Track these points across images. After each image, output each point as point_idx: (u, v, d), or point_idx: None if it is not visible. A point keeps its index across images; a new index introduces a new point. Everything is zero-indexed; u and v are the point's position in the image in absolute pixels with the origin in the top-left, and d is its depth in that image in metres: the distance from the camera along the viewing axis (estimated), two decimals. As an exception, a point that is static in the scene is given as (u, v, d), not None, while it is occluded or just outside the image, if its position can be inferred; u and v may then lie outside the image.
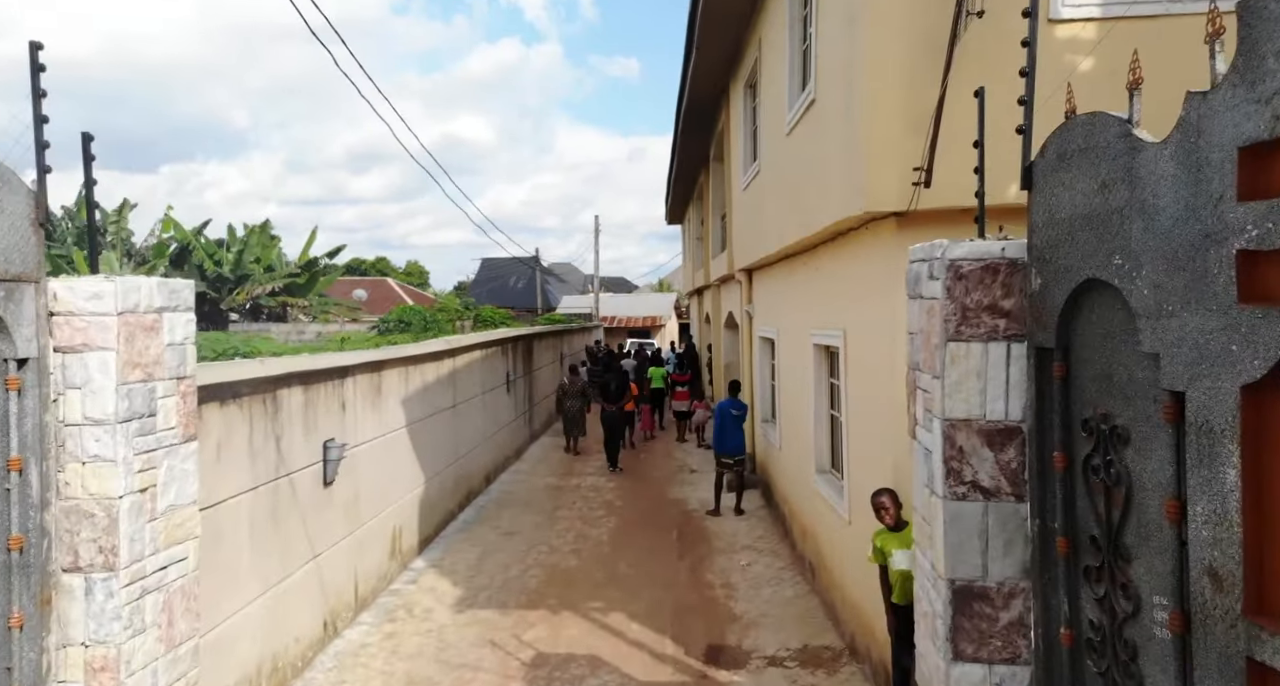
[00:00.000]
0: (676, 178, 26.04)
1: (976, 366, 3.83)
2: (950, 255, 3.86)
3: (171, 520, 4.72)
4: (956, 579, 3.84)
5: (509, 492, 14.97)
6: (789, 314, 10.89)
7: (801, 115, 8.33)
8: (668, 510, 13.58)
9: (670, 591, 9.66)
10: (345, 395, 8.64)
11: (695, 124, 19.25)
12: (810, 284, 9.30)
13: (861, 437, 7.22)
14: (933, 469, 3.97)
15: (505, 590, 9.77)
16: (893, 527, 6.00)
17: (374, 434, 9.46)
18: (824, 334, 8.65)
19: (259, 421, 6.81)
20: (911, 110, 5.86)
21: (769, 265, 12.42)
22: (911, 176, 5.84)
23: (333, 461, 8.13)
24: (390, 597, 9.53)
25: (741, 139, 13.76)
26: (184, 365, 4.83)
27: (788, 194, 9.40)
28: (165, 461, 4.66)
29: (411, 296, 54.76)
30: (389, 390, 10.01)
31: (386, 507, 9.84)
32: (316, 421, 7.92)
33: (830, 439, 9.12)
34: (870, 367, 6.88)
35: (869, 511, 7.03)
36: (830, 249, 8.25)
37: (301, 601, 7.57)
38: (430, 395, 11.65)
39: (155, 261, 30.87)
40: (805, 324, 9.59)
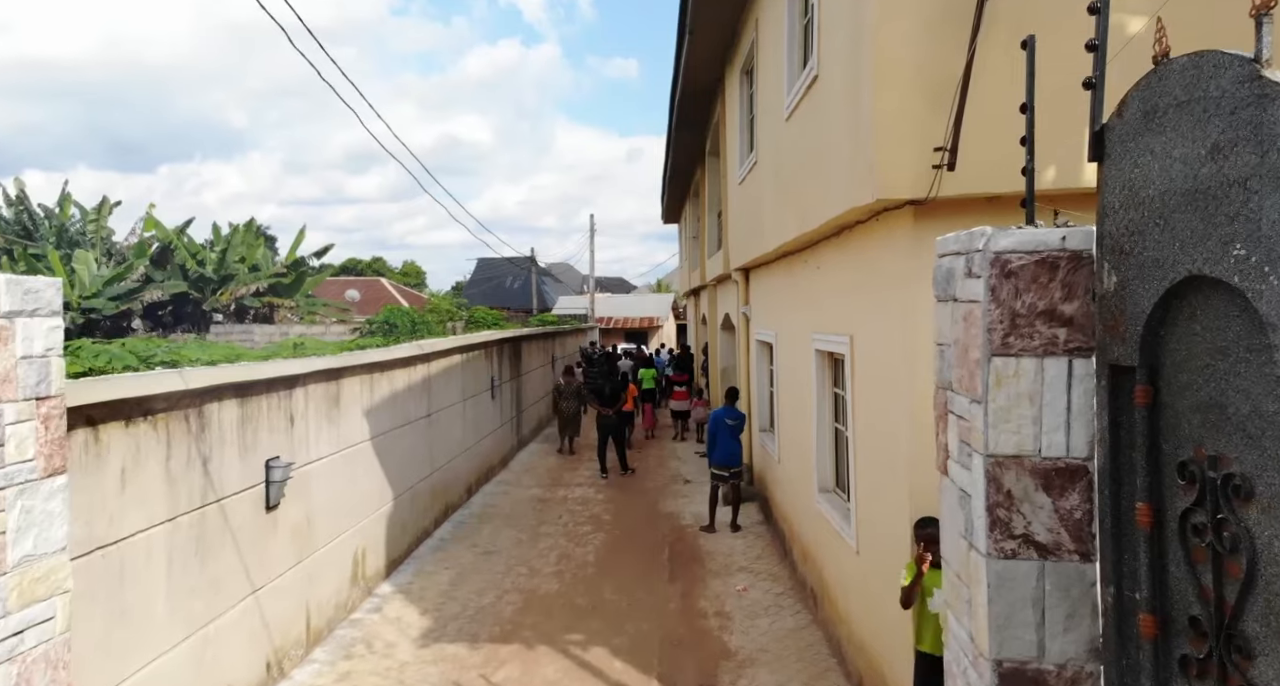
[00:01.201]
0: (672, 175, 25.19)
1: (1029, 388, 2.95)
2: (995, 246, 2.99)
3: (28, 574, 3.84)
4: (1004, 659, 2.97)
5: (491, 506, 14.08)
6: (788, 316, 10.02)
7: (802, 96, 7.46)
8: (659, 525, 12.70)
9: (659, 621, 8.78)
10: (294, 407, 7.76)
11: (690, 117, 18.40)
12: (812, 284, 8.43)
13: (871, 458, 6.35)
14: (972, 517, 3.10)
15: (477, 620, 8.89)
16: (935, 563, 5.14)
17: (330, 450, 8.58)
18: (827, 339, 7.78)
19: (180, 441, 5.93)
20: (931, 81, 4.99)
21: (767, 264, 11.55)
22: (931, 158, 4.97)
23: (276, 482, 7.25)
24: (349, 629, 8.65)
25: (738, 130, 12.88)
26: (46, 382, 3.95)
27: (787, 186, 8.53)
28: (18, 502, 3.79)
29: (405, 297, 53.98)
30: (350, 400, 9.13)
31: (346, 530, 8.95)
32: (256, 439, 7.03)
33: (834, 455, 8.24)
34: (882, 379, 6.00)
35: (881, 541, 6.17)
36: (834, 245, 7.38)
37: (237, 643, 6.69)
38: (401, 404, 10.78)
39: (135, 261, 29.99)
40: (806, 327, 8.72)
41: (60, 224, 31.38)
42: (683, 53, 14.25)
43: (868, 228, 6.28)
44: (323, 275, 39.26)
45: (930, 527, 5.11)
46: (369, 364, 9.62)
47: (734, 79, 13.36)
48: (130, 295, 28.76)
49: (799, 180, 7.84)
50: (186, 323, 31.59)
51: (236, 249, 33.21)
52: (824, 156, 6.71)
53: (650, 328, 50.15)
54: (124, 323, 29.06)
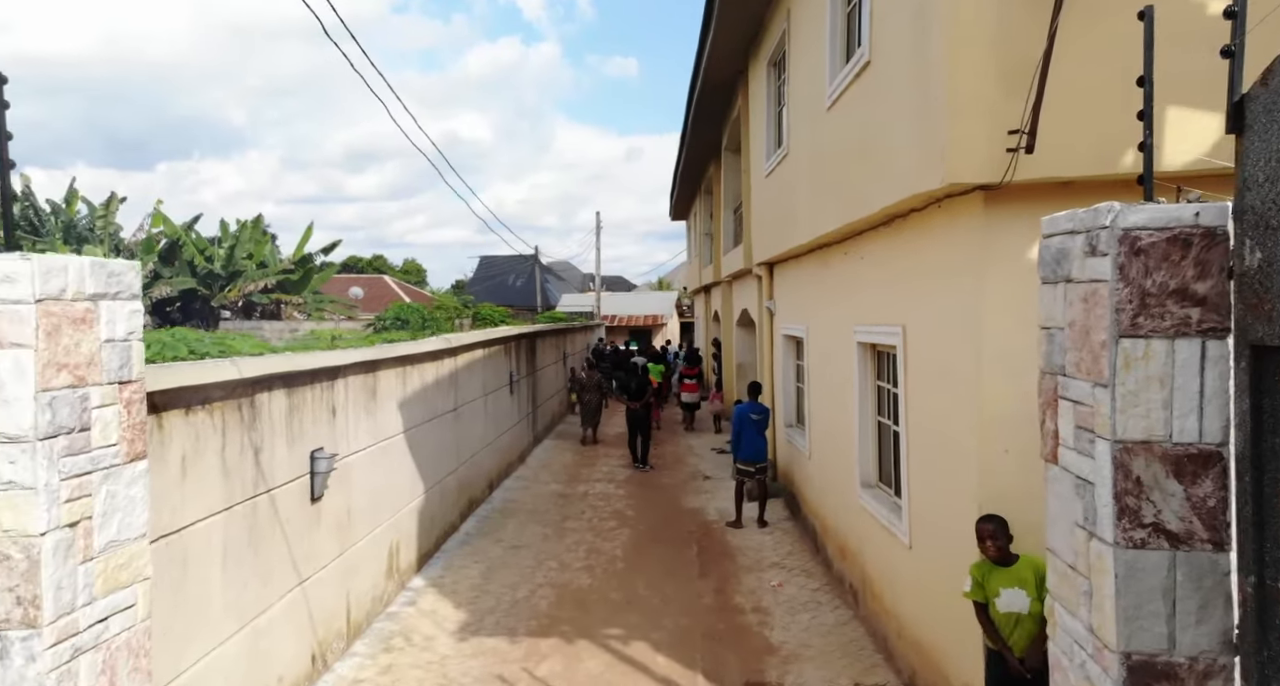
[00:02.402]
0: (684, 171, 25.10)
1: (1159, 371, 2.89)
2: (1124, 223, 2.93)
3: (113, 560, 3.78)
4: (1133, 652, 2.91)
5: (513, 501, 14.02)
6: (823, 310, 9.95)
7: (849, 84, 7.39)
8: (684, 521, 12.63)
9: (696, 616, 8.72)
10: (335, 399, 7.70)
11: (708, 112, 18.33)
12: (854, 276, 8.37)
13: (928, 452, 6.28)
14: (1096, 505, 3.03)
15: (513, 614, 8.83)
16: (998, 561, 5.07)
17: (368, 441, 8.51)
18: (872, 331, 7.71)
19: (234, 431, 5.86)
20: (1005, 61, 4.92)
21: (796, 257, 11.48)
22: (1005, 142, 4.91)
23: (321, 474, 7.18)
24: (387, 622, 8.59)
25: (764, 123, 12.81)
26: (128, 366, 3.88)
27: (827, 176, 8.46)
28: (103, 487, 3.72)
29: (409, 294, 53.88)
30: (385, 393, 9.07)
31: (382, 522, 8.89)
32: (302, 429, 6.97)
33: (877, 449, 8.18)
34: (941, 371, 5.94)
35: (936, 536, 6.11)
36: (883, 235, 7.31)
37: (285, 635, 6.63)
38: (430, 398, 10.71)
39: (144, 257, 29.87)
40: (846, 320, 8.66)
41: (68, 220, 31.25)
42: (706, 45, 14.19)
43: (925, 215, 6.22)
44: (330, 272, 39.15)
45: (988, 523, 5.05)
46: (402, 356, 9.55)
47: (759, 71, 13.29)
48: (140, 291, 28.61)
49: (843, 170, 7.77)
50: (195, 319, 31.46)
51: (244, 245, 33.08)
52: (877, 144, 6.64)
53: (654, 325, 50.13)
54: (132, 318, 28.86)
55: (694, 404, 22.12)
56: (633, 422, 17.29)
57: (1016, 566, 5.04)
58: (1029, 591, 4.98)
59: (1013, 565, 5.04)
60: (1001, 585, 5.01)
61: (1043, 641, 4.89)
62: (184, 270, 31.71)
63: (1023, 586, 4.99)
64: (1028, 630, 5.01)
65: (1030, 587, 4.98)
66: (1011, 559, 5.04)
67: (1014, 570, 5.03)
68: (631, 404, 17.35)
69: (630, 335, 46.66)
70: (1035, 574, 4.98)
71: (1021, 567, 5.03)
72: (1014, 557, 5.05)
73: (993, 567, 5.06)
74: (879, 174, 6.62)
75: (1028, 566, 5.02)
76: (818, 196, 8.90)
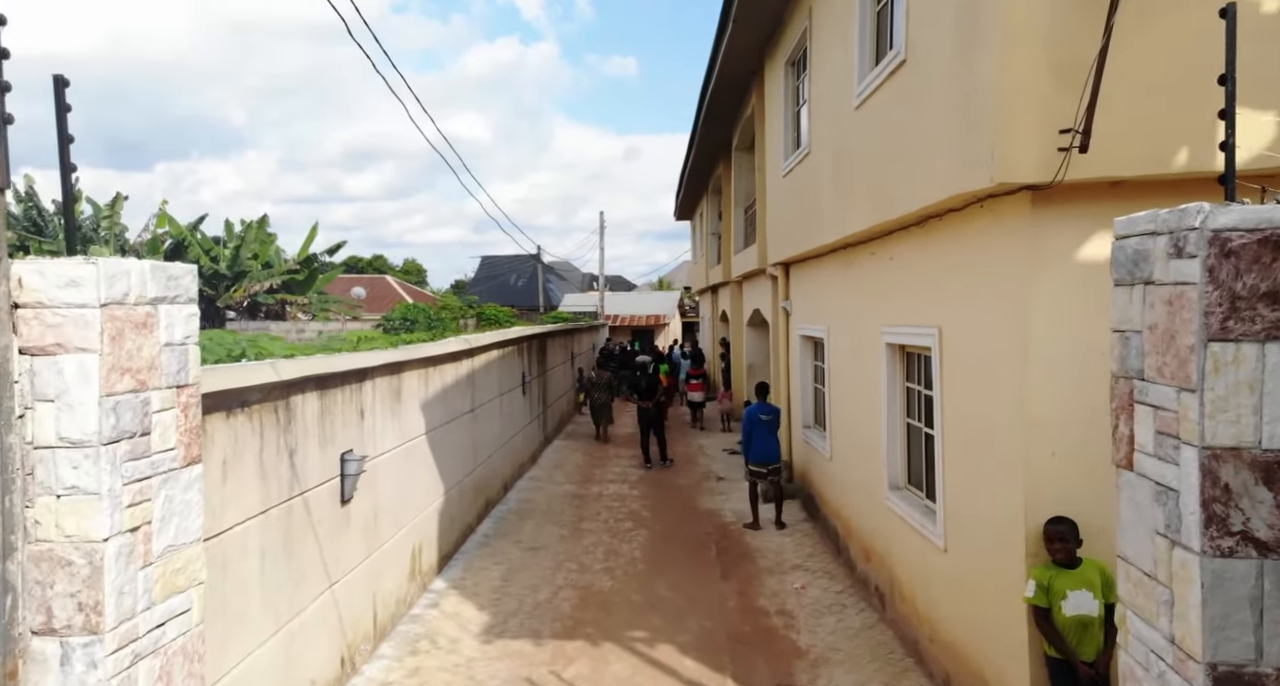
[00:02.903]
0: (692, 170, 25.07)
1: (1249, 376, 2.86)
2: (1214, 224, 2.89)
3: (170, 564, 3.74)
4: (1219, 662, 2.88)
5: (528, 501, 13.99)
6: (846, 310, 9.92)
7: (881, 83, 7.36)
8: (701, 523, 12.60)
9: (720, 619, 8.69)
10: (364, 401, 7.66)
11: (719, 110, 18.30)
12: (882, 277, 8.33)
13: (967, 455, 6.25)
14: (1180, 513, 3.00)
15: (536, 616, 8.80)
16: (1064, 564, 5.05)
17: (394, 443, 8.48)
18: (903, 332, 7.68)
19: (270, 433, 5.83)
20: (1058, 57, 4.88)
21: (816, 257, 11.45)
22: (1056, 141, 4.87)
23: (351, 476, 7.15)
24: (411, 625, 8.55)
25: (781, 122, 12.78)
26: (185, 370, 3.85)
27: (856, 177, 8.43)
28: (162, 491, 3.68)
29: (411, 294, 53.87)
30: (409, 394, 9.03)
31: (406, 524, 8.86)
32: (334, 431, 6.94)
33: (906, 451, 8.15)
34: (983, 373, 5.90)
35: (975, 539, 6.08)
36: (915, 236, 7.28)
37: (317, 637, 6.59)
38: (450, 398, 10.68)
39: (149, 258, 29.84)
40: (874, 321, 8.63)
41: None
42: (722, 43, 14.15)
43: (963, 216, 6.19)
44: (335, 272, 39.12)
45: (1060, 524, 5.02)
46: (425, 358, 9.52)
47: (775, 71, 13.27)
48: (144, 290, 28.56)
49: (874, 170, 7.74)
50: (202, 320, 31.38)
51: (249, 246, 33.04)
52: (912, 144, 6.61)
53: (657, 325, 50.06)
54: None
55: (700, 402, 22.55)
56: (645, 422, 17.31)
57: (1082, 569, 5.01)
58: (1096, 594, 4.96)
59: (1078, 568, 5.02)
60: (1069, 587, 4.98)
61: (1110, 647, 4.87)
62: (188, 270, 31.65)
63: (1090, 589, 4.97)
64: (1095, 636, 4.99)
65: (1097, 590, 4.96)
66: (1077, 562, 5.02)
67: (1080, 572, 5.00)
68: (643, 403, 17.41)
69: (633, 335, 46.68)
70: (1101, 577, 4.96)
71: (1087, 570, 5.01)
72: (1078, 560, 5.03)
73: (1059, 571, 5.03)
74: (914, 174, 6.58)
75: (1093, 569, 5.00)
76: (844, 196, 8.87)
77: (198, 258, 31.37)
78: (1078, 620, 5.01)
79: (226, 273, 32.01)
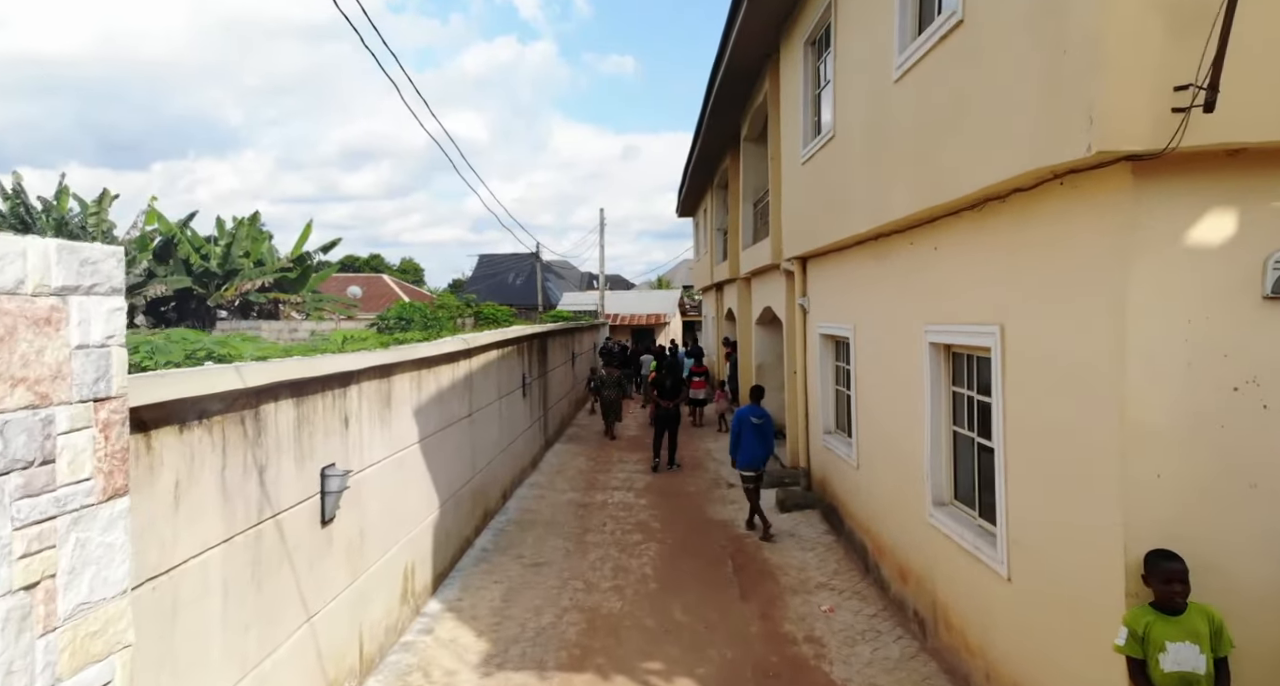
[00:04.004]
0: (697, 164, 24.25)
1: None
2: None
3: (84, 627, 2.93)
4: None
5: (529, 511, 13.17)
6: (877, 307, 9.12)
7: (930, 50, 6.55)
8: (713, 534, 11.79)
9: (743, 647, 7.88)
10: (349, 408, 6.85)
11: (728, 99, 17.50)
12: (924, 268, 7.53)
13: (1041, 473, 5.42)
14: None
15: (540, 643, 7.99)
16: (1168, 609, 4.23)
17: (383, 453, 7.67)
18: (951, 331, 6.88)
19: (236, 448, 5.02)
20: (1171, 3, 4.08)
21: (839, 250, 10.65)
22: (1170, 101, 4.07)
23: (333, 493, 6.34)
24: (403, 654, 7.74)
25: (800, 107, 11.96)
26: (106, 380, 3.04)
27: (895, 157, 7.63)
28: (72, 534, 2.87)
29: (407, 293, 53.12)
30: (400, 399, 8.22)
31: (397, 542, 8.05)
32: (313, 443, 6.12)
33: (953, 463, 7.34)
34: (1062, 377, 5.09)
35: (1050, 571, 5.28)
36: (968, 220, 6.47)
37: (293, 678, 5.78)
38: (446, 403, 9.87)
39: (138, 255, 28.95)
40: (912, 319, 7.82)
41: (59, 217, 30.30)
42: (734, 25, 13.34)
43: (1033, 196, 5.38)
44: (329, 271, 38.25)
45: (1176, 562, 4.21)
46: (419, 359, 8.71)
47: (793, 53, 12.45)
48: (134, 290, 27.69)
49: (920, 149, 6.94)
50: (191, 318, 30.53)
51: (241, 243, 32.12)
52: (972, 115, 5.80)
53: (657, 324, 49.39)
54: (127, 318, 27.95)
55: (702, 400, 22.50)
56: (662, 422, 16.87)
57: (1187, 616, 4.19)
58: (1204, 647, 4.14)
59: (1183, 615, 4.20)
60: (1169, 638, 4.16)
61: None
62: (179, 268, 30.80)
63: (1196, 640, 4.14)
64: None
65: (1205, 643, 4.14)
66: (1182, 607, 4.20)
67: (1185, 620, 4.18)
68: (665, 402, 16.97)
69: (633, 334, 46.04)
70: (1210, 625, 4.15)
71: (1193, 618, 4.19)
72: (1184, 606, 4.21)
73: (1159, 617, 4.22)
74: (974, 150, 5.78)
75: (1200, 616, 4.18)
76: (880, 181, 8.07)
77: (187, 255, 30.50)
78: (1179, 677, 4.19)
79: (217, 271, 31.14)
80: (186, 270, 30.54)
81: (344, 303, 37.65)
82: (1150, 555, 4.29)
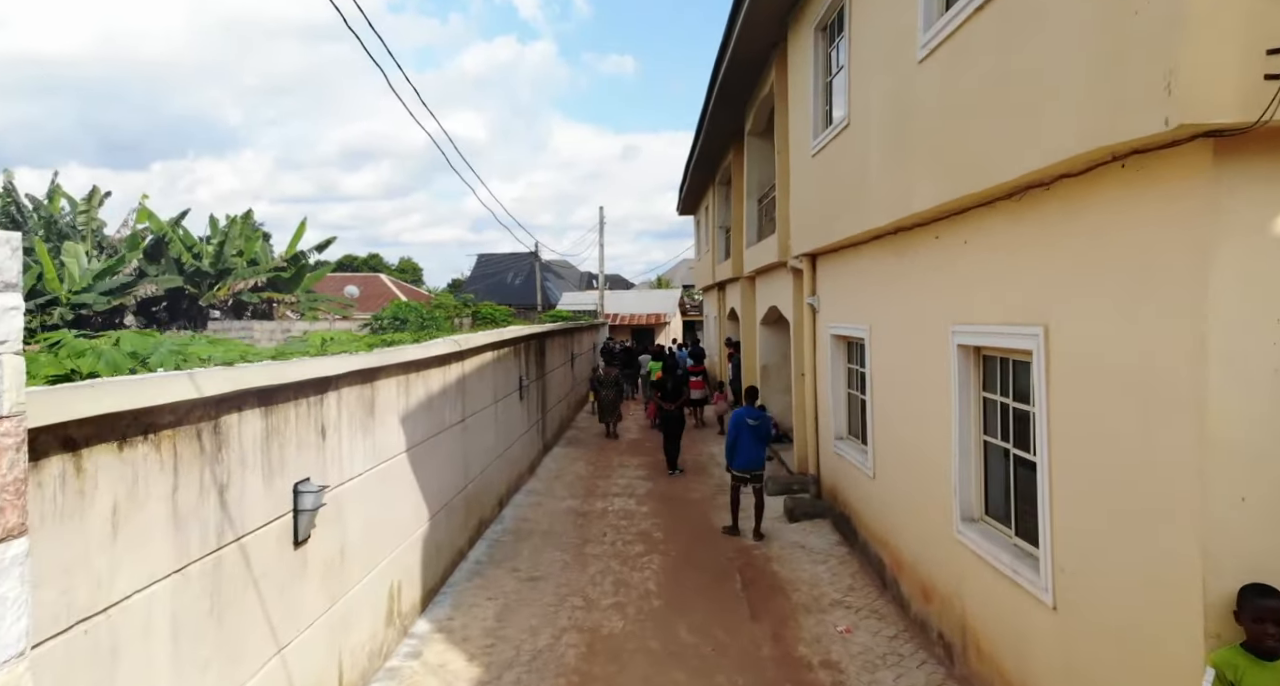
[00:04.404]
0: (698, 160, 23.68)
1: None
2: None
3: (-42, 706, 2.36)
4: None
5: (526, 520, 12.59)
6: (896, 306, 8.55)
7: (962, 23, 5.98)
8: (719, 546, 11.22)
9: (757, 673, 7.31)
10: (326, 417, 6.28)
11: (732, 92, 16.92)
12: (951, 264, 6.96)
13: (1095, 491, 4.84)
14: None
15: (536, 668, 7.42)
16: (1263, 653, 3.65)
17: (366, 465, 7.10)
18: (984, 332, 6.31)
19: (190, 466, 4.44)
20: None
21: (853, 246, 10.08)
22: (1263, 65, 3.50)
23: (307, 511, 5.76)
24: (387, 682, 7.17)
25: (809, 96, 11.39)
26: (-11, 394, 2.47)
27: (920, 144, 7.06)
28: (-59, 591, 2.30)
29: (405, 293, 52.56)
30: (385, 406, 7.64)
31: (382, 560, 7.48)
32: (283, 457, 5.55)
33: (983, 476, 6.77)
34: (1124, 383, 4.50)
35: (1101, 600, 4.71)
36: (1005, 211, 5.90)
37: (260, 719, 5.21)
38: (437, 408, 9.29)
39: (128, 254, 28.35)
40: (936, 319, 7.26)
41: (49, 216, 29.72)
42: (739, 14, 12.76)
43: (1084, 182, 4.81)
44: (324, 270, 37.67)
45: (1270, 600, 3.63)
46: (406, 362, 8.13)
47: (802, 40, 11.87)
48: (123, 290, 27.10)
49: (949, 133, 6.37)
50: (182, 319, 29.96)
51: (234, 242, 31.50)
52: (1014, 92, 5.23)
53: (658, 324, 48.89)
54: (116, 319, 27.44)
55: (700, 400, 22.14)
56: (668, 424, 16.38)
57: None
58: None
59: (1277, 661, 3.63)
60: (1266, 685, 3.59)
61: None
62: (171, 268, 30.22)
63: None
64: None
65: None
66: (1277, 652, 3.63)
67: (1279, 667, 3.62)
68: (668, 405, 16.52)
69: (632, 334, 45.56)
70: None
71: None
72: (1278, 651, 3.64)
73: (1251, 661, 3.64)
74: (1014, 132, 5.21)
75: None
76: (902, 170, 7.50)
77: (179, 254, 29.92)
78: None
79: (210, 270, 30.55)
80: (178, 269, 29.97)
81: (340, 302, 37.09)
82: (1245, 590, 3.71)
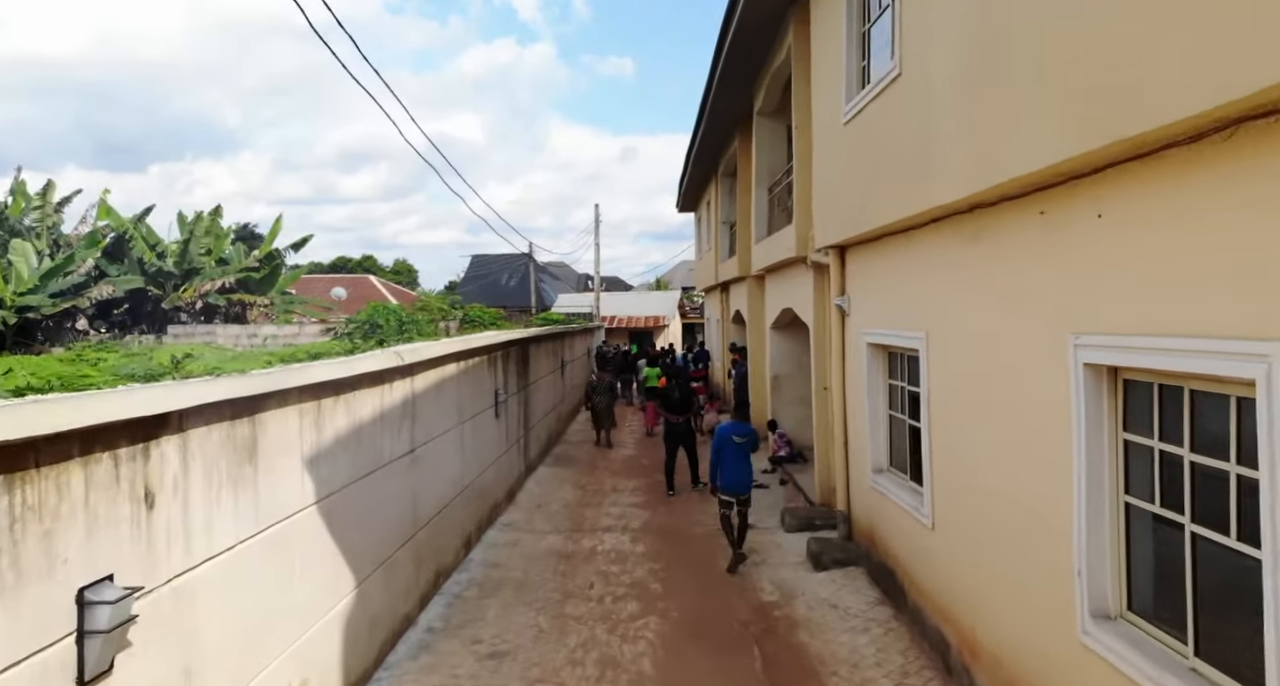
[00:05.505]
0: (699, 151, 21.60)
1: None
2: None
3: None
4: None
5: (497, 565, 10.48)
6: (971, 307, 6.46)
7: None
8: (731, 602, 9.12)
9: None
10: (156, 475, 4.18)
11: (739, 66, 14.80)
12: (1073, 250, 4.86)
13: None
14: None
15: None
16: None
17: (240, 535, 5.00)
18: (1134, 345, 4.21)
19: None
20: None
21: (903, 232, 7.99)
22: None
23: (100, 632, 3.67)
24: None
25: (841, 52, 9.26)
26: None
27: (1024, 79, 4.97)
28: None
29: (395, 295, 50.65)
30: (278, 445, 5.55)
31: (270, 661, 5.38)
32: (51, 552, 3.46)
33: (1123, 554, 4.68)
34: None
35: None
36: (1181, 163, 3.80)
37: None
38: (370, 440, 7.21)
39: (83, 252, 26.21)
40: (1041, 326, 5.17)
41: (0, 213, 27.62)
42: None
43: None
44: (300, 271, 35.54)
45: None
46: (316, 385, 6.04)
47: (828, -10, 9.79)
48: (76, 291, 25.01)
49: (1082, 56, 4.28)
50: (145, 322, 27.87)
51: (200, 240, 29.34)
52: None
53: (656, 327, 46.98)
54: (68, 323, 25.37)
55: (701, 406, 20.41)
56: (673, 439, 14.62)
57: None
58: None
59: None
60: None
61: None
62: (133, 268, 28.10)
63: None
64: None
65: None
66: None
67: None
68: (674, 417, 14.59)
69: (630, 337, 43.60)
70: None
71: None
72: None
73: None
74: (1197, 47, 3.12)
75: None
76: (987, 122, 5.41)
77: (141, 253, 27.79)
78: None
79: (174, 270, 28.41)
80: (141, 269, 27.85)
81: (320, 305, 35.01)
82: None
